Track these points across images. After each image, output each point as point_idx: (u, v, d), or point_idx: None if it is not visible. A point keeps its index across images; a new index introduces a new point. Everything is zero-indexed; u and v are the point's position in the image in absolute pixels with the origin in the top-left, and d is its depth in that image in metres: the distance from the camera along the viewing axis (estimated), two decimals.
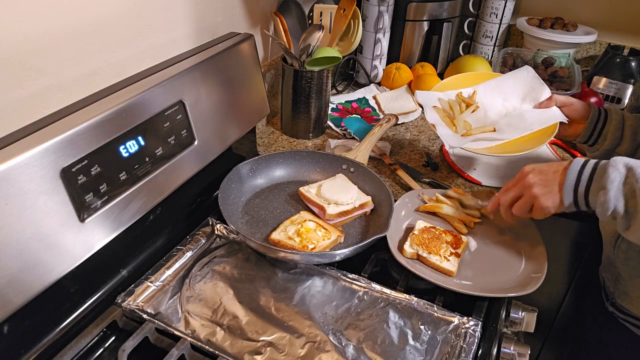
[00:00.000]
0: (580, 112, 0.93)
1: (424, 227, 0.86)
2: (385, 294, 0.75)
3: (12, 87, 0.63)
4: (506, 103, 1.04)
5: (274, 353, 0.66)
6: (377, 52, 1.43)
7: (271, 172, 0.97)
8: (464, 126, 1.01)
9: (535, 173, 0.74)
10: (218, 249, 0.83)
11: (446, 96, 1.07)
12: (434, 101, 1.06)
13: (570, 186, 0.71)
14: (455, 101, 1.05)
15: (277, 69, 1.23)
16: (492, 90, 1.06)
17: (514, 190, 0.77)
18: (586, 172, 0.70)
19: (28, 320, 0.62)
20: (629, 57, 1.32)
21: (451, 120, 1.03)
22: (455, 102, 1.05)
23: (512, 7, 1.51)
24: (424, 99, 1.06)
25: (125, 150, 0.68)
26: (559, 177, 0.72)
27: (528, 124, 0.96)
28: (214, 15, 0.98)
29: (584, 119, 0.92)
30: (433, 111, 1.03)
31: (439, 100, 1.07)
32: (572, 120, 0.94)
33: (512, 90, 1.04)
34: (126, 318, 0.71)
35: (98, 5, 0.72)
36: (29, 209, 0.56)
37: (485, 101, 1.05)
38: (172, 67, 0.78)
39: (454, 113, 1.03)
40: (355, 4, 1.16)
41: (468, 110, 1.03)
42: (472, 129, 1.00)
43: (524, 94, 1.03)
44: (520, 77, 1.05)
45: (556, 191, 0.72)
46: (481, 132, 0.99)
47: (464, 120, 1.01)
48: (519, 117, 0.99)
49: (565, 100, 0.96)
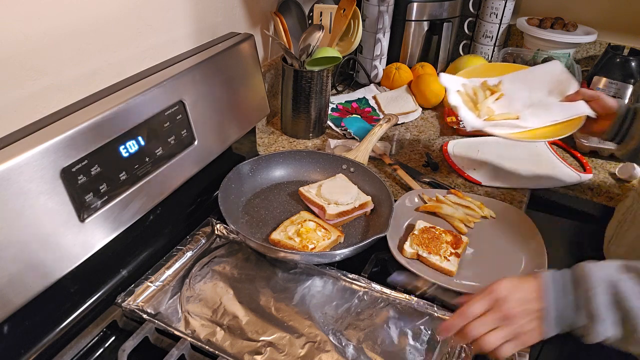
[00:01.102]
0: (608, 108, 0.89)
1: (424, 227, 0.86)
2: (385, 294, 0.75)
3: (12, 87, 0.63)
4: (532, 94, 1.01)
5: (274, 353, 0.66)
6: (377, 52, 1.43)
7: (271, 172, 0.97)
8: (487, 112, 0.99)
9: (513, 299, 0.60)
10: (218, 249, 0.83)
11: (471, 82, 1.05)
12: (458, 86, 1.04)
13: (553, 319, 0.60)
14: (480, 88, 1.03)
15: (277, 69, 1.23)
16: (518, 81, 1.04)
17: (491, 321, 0.60)
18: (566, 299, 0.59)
19: (28, 320, 0.62)
20: (629, 57, 1.32)
21: (474, 104, 1.01)
22: (480, 89, 1.03)
23: (512, 7, 1.51)
24: (448, 82, 1.03)
25: (125, 150, 0.68)
26: (538, 304, 0.60)
27: (552, 114, 0.94)
28: (214, 15, 0.98)
29: (611, 116, 0.89)
30: (456, 94, 1.01)
31: (463, 85, 1.04)
32: (599, 115, 0.91)
33: (539, 83, 1.02)
34: (126, 318, 0.71)
35: (98, 5, 0.72)
36: (29, 209, 0.56)
37: (511, 91, 1.02)
38: (172, 67, 0.78)
39: (478, 98, 1.01)
40: (355, 4, 1.16)
41: (492, 97, 1.01)
42: (495, 115, 0.98)
43: (551, 86, 1.01)
44: (548, 70, 1.03)
45: (538, 324, 0.60)
46: (504, 119, 0.97)
47: (487, 106, 0.99)
48: (544, 107, 0.97)
49: (592, 94, 0.91)
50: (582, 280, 0.59)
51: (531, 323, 0.60)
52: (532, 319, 0.60)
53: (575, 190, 1.07)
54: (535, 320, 0.60)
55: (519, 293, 0.61)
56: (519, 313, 0.60)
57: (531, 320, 0.60)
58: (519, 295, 0.61)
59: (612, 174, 1.12)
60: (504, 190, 1.05)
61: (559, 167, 1.12)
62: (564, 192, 1.08)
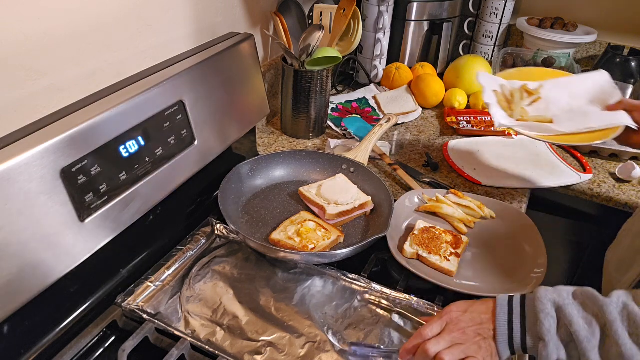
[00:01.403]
0: None
1: (424, 227, 0.86)
2: (385, 294, 0.75)
3: (12, 87, 0.63)
4: (572, 101, 0.98)
5: (274, 353, 0.66)
6: (377, 52, 1.43)
7: (271, 172, 0.97)
8: (521, 112, 0.97)
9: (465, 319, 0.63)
10: (218, 249, 0.83)
11: (510, 84, 1.03)
12: (496, 86, 1.03)
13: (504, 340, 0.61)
14: (518, 90, 1.02)
15: (277, 69, 1.23)
16: (560, 87, 1.01)
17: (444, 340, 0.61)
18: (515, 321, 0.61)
19: (28, 320, 0.62)
20: (629, 57, 1.32)
21: (508, 105, 1.00)
22: (518, 91, 1.01)
23: (512, 7, 1.51)
24: (486, 80, 1.02)
25: (125, 150, 0.68)
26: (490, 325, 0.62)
27: (589, 121, 0.91)
28: (214, 15, 0.98)
29: None
30: (492, 93, 1.00)
31: (501, 86, 1.03)
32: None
33: (582, 90, 0.99)
34: (126, 318, 0.71)
35: (98, 5, 0.72)
36: (29, 209, 0.56)
37: (551, 96, 1.00)
38: (172, 67, 0.78)
39: (514, 100, 1.00)
40: (355, 4, 1.16)
41: (529, 99, 0.99)
42: (528, 117, 0.96)
43: (594, 96, 0.98)
44: (592, 79, 1.00)
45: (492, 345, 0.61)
46: (536, 121, 0.96)
47: (522, 107, 0.98)
48: (582, 114, 0.94)
49: (636, 105, 0.87)
50: (532, 303, 0.60)
51: (484, 342, 0.61)
52: (485, 338, 0.61)
53: (575, 190, 1.07)
54: (489, 340, 0.61)
55: (471, 314, 0.63)
56: (470, 332, 0.61)
57: (484, 339, 0.61)
58: (470, 316, 0.63)
59: (612, 174, 1.12)
60: (504, 190, 1.05)
61: (559, 167, 1.12)
62: (564, 192, 1.08)
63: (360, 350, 0.66)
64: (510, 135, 1.22)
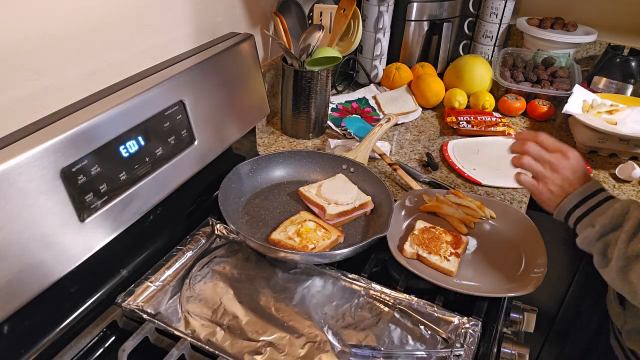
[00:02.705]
0: None
1: (424, 227, 0.86)
2: (385, 294, 0.75)
3: (12, 87, 0.63)
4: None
5: (274, 353, 0.66)
6: (377, 52, 1.43)
7: (271, 172, 0.97)
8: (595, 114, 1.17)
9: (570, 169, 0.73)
10: (218, 249, 0.83)
11: (601, 100, 1.22)
12: (588, 98, 1.23)
13: (567, 205, 0.72)
14: (602, 104, 1.21)
15: (277, 69, 1.23)
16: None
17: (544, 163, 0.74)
18: (592, 201, 0.70)
19: (28, 320, 0.62)
20: (629, 57, 1.32)
21: (586, 110, 1.20)
22: (602, 105, 1.21)
23: (512, 7, 1.51)
24: (581, 92, 1.24)
25: (125, 150, 0.68)
26: (575, 185, 0.72)
27: None
28: (214, 15, 0.98)
29: None
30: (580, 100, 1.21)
31: (593, 100, 1.23)
32: None
33: None
34: (126, 318, 0.71)
35: (98, 5, 0.72)
36: (29, 209, 0.56)
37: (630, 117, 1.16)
38: (172, 67, 0.78)
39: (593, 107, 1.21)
40: (355, 4, 1.16)
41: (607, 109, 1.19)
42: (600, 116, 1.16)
43: None
44: None
45: (560, 195, 0.73)
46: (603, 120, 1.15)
47: (596, 112, 1.18)
48: None
49: None
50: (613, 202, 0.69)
51: (559, 188, 0.72)
52: (563, 185, 0.72)
53: None
54: (563, 189, 0.72)
55: (578, 167, 0.73)
56: (562, 173, 0.72)
57: (561, 185, 0.72)
58: (577, 167, 0.73)
59: (612, 174, 1.12)
60: (504, 190, 1.05)
61: None
62: None
63: (360, 352, 0.66)
64: (510, 135, 1.23)
